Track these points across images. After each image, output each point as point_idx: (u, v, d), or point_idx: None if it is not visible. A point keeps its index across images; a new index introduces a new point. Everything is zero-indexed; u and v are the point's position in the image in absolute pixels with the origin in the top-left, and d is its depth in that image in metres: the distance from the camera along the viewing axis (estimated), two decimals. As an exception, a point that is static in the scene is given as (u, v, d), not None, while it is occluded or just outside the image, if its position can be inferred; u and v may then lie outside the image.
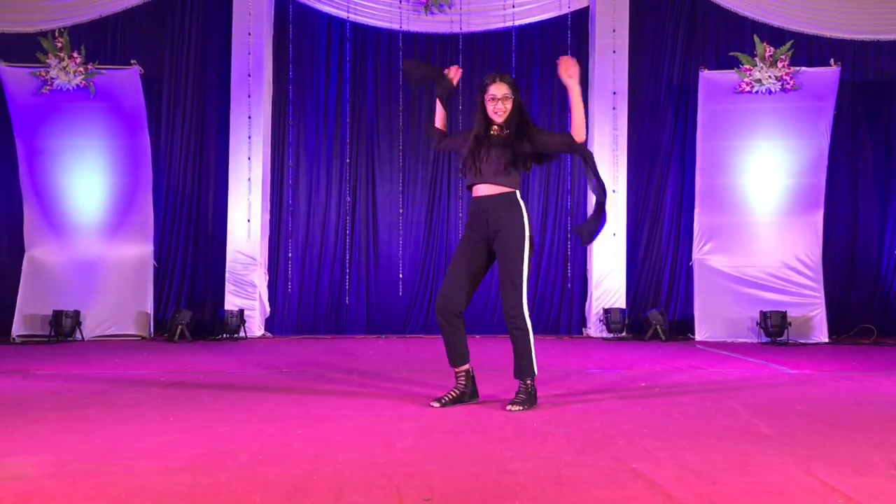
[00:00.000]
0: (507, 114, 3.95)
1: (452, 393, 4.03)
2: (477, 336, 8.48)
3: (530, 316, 3.91)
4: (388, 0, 8.82)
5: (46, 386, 4.71)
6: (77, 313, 7.90)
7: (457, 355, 4.02)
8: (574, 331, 8.70)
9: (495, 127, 4.00)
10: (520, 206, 3.93)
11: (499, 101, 3.94)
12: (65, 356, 6.42)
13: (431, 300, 8.77)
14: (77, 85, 8.17)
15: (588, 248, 8.59)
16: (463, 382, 4.04)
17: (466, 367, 4.04)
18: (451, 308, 3.94)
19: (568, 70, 3.90)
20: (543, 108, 8.82)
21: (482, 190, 3.96)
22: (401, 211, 8.86)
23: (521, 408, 3.83)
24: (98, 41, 8.63)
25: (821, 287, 8.08)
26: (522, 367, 3.93)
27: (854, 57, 8.74)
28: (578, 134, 3.95)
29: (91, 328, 8.00)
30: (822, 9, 8.67)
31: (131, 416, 3.67)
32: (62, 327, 7.77)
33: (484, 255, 4.00)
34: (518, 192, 3.96)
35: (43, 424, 3.44)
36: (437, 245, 8.85)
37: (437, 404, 3.95)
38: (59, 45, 8.19)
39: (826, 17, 8.68)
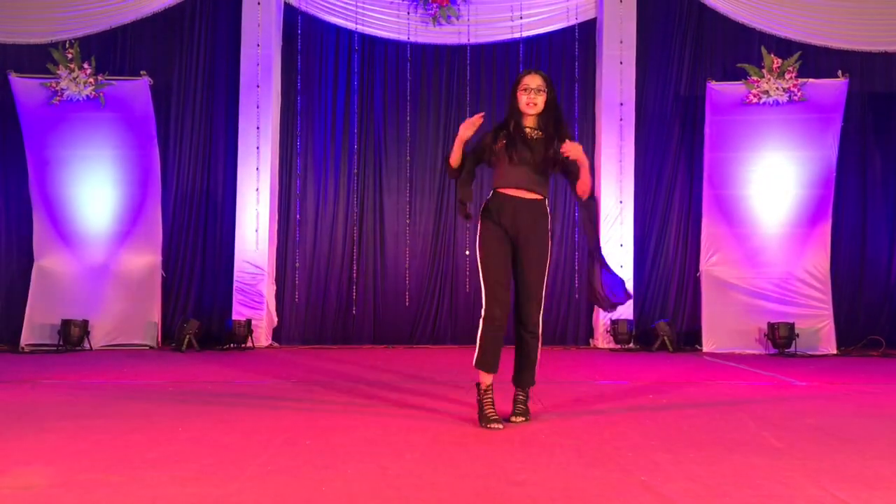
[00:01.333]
0: (540, 108, 3.83)
1: (494, 410, 3.78)
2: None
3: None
4: (397, 11, 8.86)
5: (55, 395, 4.73)
6: (85, 322, 7.92)
7: (493, 360, 3.82)
8: (581, 341, 8.68)
9: (528, 125, 3.87)
10: (548, 216, 3.87)
11: (532, 91, 3.82)
12: (73, 365, 6.44)
13: (438, 311, 8.78)
14: (87, 96, 8.22)
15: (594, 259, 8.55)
16: (491, 392, 3.85)
17: (492, 376, 3.86)
18: (503, 315, 3.78)
19: (572, 153, 3.74)
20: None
21: (512, 191, 3.82)
22: (408, 221, 8.87)
23: (523, 419, 3.84)
24: (108, 52, 8.68)
25: (829, 298, 8.05)
26: (529, 377, 3.93)
27: (862, 68, 8.73)
28: (583, 192, 3.92)
29: (99, 337, 8.02)
30: (830, 20, 8.67)
31: (140, 425, 3.68)
32: (71, 336, 7.79)
33: (511, 252, 3.84)
34: (547, 200, 3.90)
35: (52, 434, 3.45)
36: (444, 256, 8.86)
37: (500, 426, 3.69)
38: (70, 56, 8.25)
39: (833, 29, 8.68)
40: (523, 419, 3.82)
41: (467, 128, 3.84)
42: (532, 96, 3.82)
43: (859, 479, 2.72)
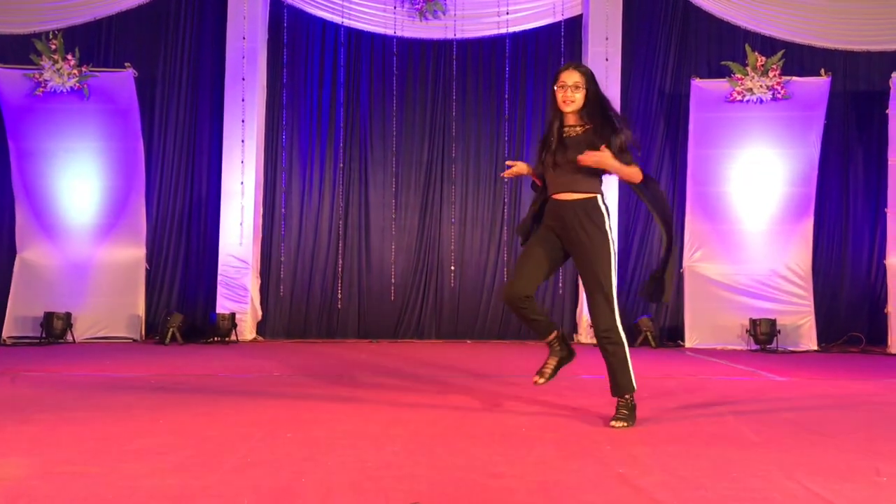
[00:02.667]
0: (578, 105, 3.67)
1: (550, 362, 3.83)
2: (468, 341, 8.51)
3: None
4: (383, 6, 8.85)
5: (36, 388, 4.71)
6: (68, 315, 7.88)
7: (542, 329, 3.83)
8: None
9: (570, 123, 3.72)
10: (601, 212, 3.68)
11: (568, 88, 3.66)
12: (55, 358, 6.42)
13: (423, 305, 8.80)
14: (71, 87, 8.17)
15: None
16: (557, 347, 3.84)
17: (554, 333, 3.84)
18: (517, 293, 3.71)
19: (588, 162, 3.59)
20: (537, 114, 8.84)
21: (557, 196, 3.71)
22: (393, 215, 8.88)
23: (624, 424, 3.57)
24: (92, 44, 8.63)
25: (810, 295, 8.13)
26: (621, 383, 3.69)
27: (845, 67, 8.80)
28: (629, 180, 3.79)
29: (82, 330, 7.99)
30: (814, 19, 8.73)
31: (121, 418, 3.67)
32: (53, 329, 7.76)
33: (560, 249, 3.75)
34: (600, 197, 3.71)
35: (32, 426, 3.44)
36: (429, 250, 8.87)
37: (541, 380, 3.79)
38: (54, 47, 8.19)
39: (817, 28, 8.75)
40: (623, 424, 3.57)
41: (513, 173, 3.91)
42: (568, 93, 3.66)
43: (833, 471, 2.76)
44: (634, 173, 3.73)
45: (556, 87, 3.70)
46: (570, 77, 3.68)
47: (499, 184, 8.84)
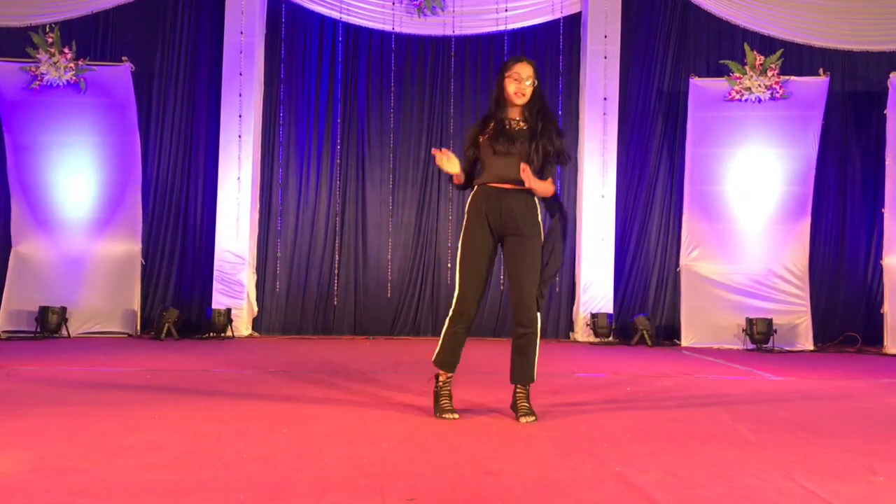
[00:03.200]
0: (528, 98, 3.69)
1: (444, 392, 3.77)
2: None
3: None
4: (382, 2, 8.83)
5: (31, 382, 4.69)
6: (63, 310, 7.86)
7: (455, 361, 3.81)
8: (561, 335, 8.72)
9: (513, 116, 3.73)
10: (537, 208, 3.71)
11: (522, 80, 3.67)
12: (50, 353, 6.40)
13: (420, 302, 8.79)
14: (67, 81, 8.14)
15: (576, 252, 8.62)
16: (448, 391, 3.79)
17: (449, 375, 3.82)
18: (472, 314, 3.73)
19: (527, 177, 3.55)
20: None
21: (497, 184, 3.68)
22: (390, 212, 8.86)
23: (535, 419, 3.62)
24: (89, 37, 8.60)
25: (807, 295, 8.13)
26: (530, 373, 3.72)
27: (843, 67, 8.81)
28: (547, 192, 3.73)
29: (77, 325, 7.97)
30: (812, 19, 8.73)
31: (116, 413, 3.66)
32: (48, 324, 7.74)
33: (493, 250, 3.75)
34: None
35: (27, 420, 3.43)
36: (426, 247, 8.86)
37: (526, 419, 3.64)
38: (50, 40, 8.16)
39: (816, 27, 8.75)
40: (532, 419, 3.59)
41: (445, 164, 3.75)
42: (522, 86, 3.68)
43: (829, 471, 2.76)
44: (547, 189, 3.70)
45: (506, 78, 3.69)
46: (525, 70, 3.69)
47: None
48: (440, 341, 3.81)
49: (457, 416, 3.67)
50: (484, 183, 3.73)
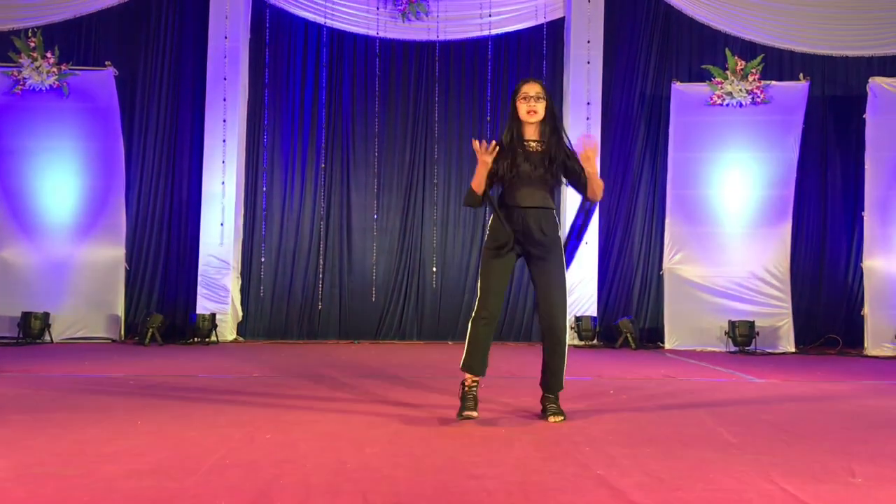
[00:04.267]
0: (540, 116, 3.81)
1: (471, 400, 3.86)
2: (450, 342, 8.50)
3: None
4: (366, 6, 8.84)
5: (12, 388, 4.66)
6: (46, 315, 7.82)
7: (484, 362, 3.91)
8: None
9: (529, 136, 3.84)
10: (557, 225, 3.87)
11: (531, 98, 3.80)
12: (33, 358, 6.35)
13: (405, 306, 8.79)
14: (50, 85, 8.10)
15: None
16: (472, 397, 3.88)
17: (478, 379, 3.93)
18: (494, 312, 3.84)
19: (588, 156, 3.77)
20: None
21: (523, 202, 3.80)
22: (375, 216, 8.87)
23: (563, 418, 3.78)
24: (72, 42, 8.57)
25: (788, 297, 8.20)
26: (559, 381, 3.89)
27: (823, 72, 8.90)
28: (594, 196, 3.92)
29: (60, 330, 7.92)
30: (793, 24, 8.82)
31: (98, 419, 3.64)
32: (31, 329, 7.69)
33: (514, 259, 3.88)
34: (555, 212, 3.92)
35: (7, 427, 3.41)
36: (411, 251, 8.87)
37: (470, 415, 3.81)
38: (33, 44, 8.12)
39: (796, 33, 8.84)
40: (561, 418, 3.76)
41: (488, 155, 3.78)
42: (532, 104, 3.80)
43: (809, 473, 2.79)
44: (601, 187, 3.92)
45: (518, 100, 3.83)
46: (533, 88, 3.82)
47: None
48: (465, 345, 3.88)
49: (475, 415, 3.79)
50: (506, 205, 3.84)
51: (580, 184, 3.90)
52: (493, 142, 3.83)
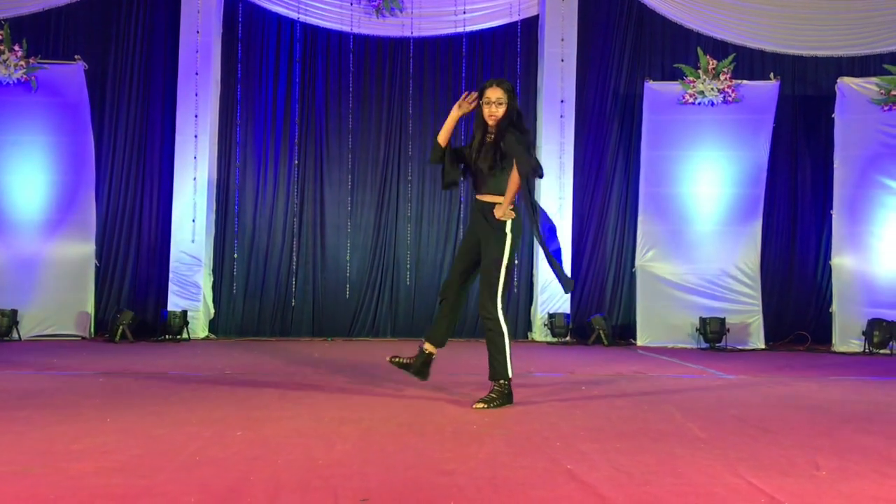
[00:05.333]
0: (499, 118, 4.10)
1: (407, 360, 4.36)
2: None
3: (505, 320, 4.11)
4: (340, 2, 8.80)
5: (-21, 386, 4.60)
6: (14, 312, 7.71)
7: (434, 334, 4.34)
8: (520, 335, 8.77)
9: (489, 133, 4.14)
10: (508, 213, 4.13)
11: (492, 104, 4.10)
12: (0, 356, 6.26)
13: (378, 303, 8.78)
14: (18, 79, 7.98)
15: (534, 253, 8.69)
16: (420, 359, 4.33)
17: (432, 349, 4.33)
18: (450, 292, 4.28)
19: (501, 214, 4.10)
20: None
21: (480, 196, 4.20)
22: (349, 213, 8.84)
23: (485, 405, 3.98)
24: (40, 35, 8.44)
25: (759, 295, 8.30)
26: (496, 369, 4.08)
27: (794, 71, 9.01)
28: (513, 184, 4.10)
29: (29, 328, 7.82)
30: (763, 24, 8.92)
31: (67, 416, 3.61)
32: (-2, 326, 7.58)
33: (477, 245, 4.21)
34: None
35: (-26, 425, 3.36)
36: (385, 248, 8.85)
37: (389, 359, 4.39)
38: (0, 37, 7.99)
39: (766, 32, 8.94)
40: (483, 405, 3.98)
41: (462, 106, 4.17)
42: (493, 108, 4.10)
43: (775, 467, 2.83)
44: (511, 190, 4.09)
45: (481, 103, 4.14)
46: (494, 93, 4.12)
47: (455, 182, 8.84)
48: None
49: (388, 358, 4.39)
50: (475, 196, 4.26)
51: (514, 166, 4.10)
52: (472, 93, 4.20)
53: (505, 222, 4.09)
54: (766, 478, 2.66)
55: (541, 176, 4.21)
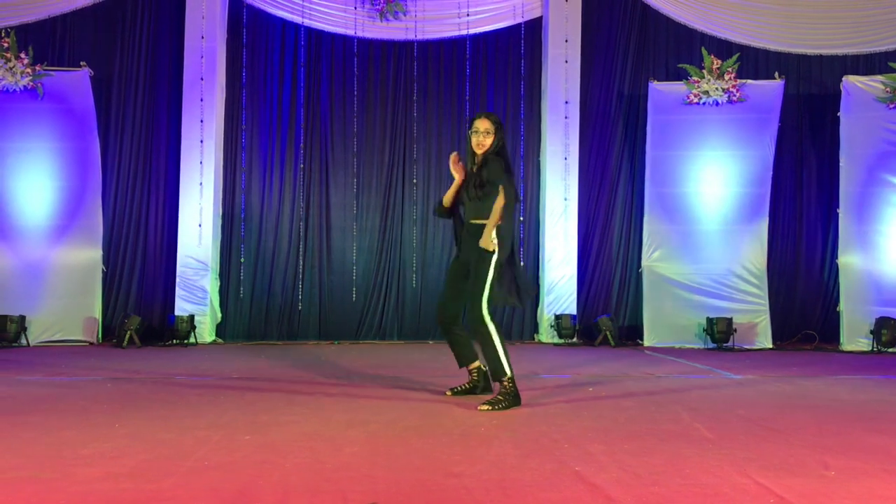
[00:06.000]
0: (486, 148, 4.36)
1: (465, 385, 4.57)
2: (430, 342, 8.50)
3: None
4: (343, 6, 8.81)
5: (-12, 392, 4.62)
6: (22, 318, 7.74)
7: (460, 356, 4.61)
8: (526, 336, 8.77)
9: (477, 161, 4.39)
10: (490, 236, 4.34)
11: (480, 133, 4.36)
12: (8, 362, 6.29)
13: (385, 306, 8.78)
14: (24, 86, 8.01)
15: (540, 254, 8.69)
16: (475, 377, 4.57)
17: (476, 364, 4.57)
18: (446, 318, 4.56)
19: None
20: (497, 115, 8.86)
21: (472, 220, 4.42)
22: (355, 216, 8.85)
23: (489, 408, 4.05)
24: (46, 42, 8.48)
25: (765, 294, 8.27)
26: (494, 369, 4.22)
27: (798, 70, 8.98)
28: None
29: (37, 334, 7.85)
30: (767, 23, 8.90)
31: (76, 422, 3.62)
32: (6, 332, 7.60)
33: (466, 268, 4.43)
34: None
35: (-17, 431, 3.38)
36: (390, 250, 8.85)
37: (449, 392, 4.55)
38: (6, 45, 8.03)
39: (771, 32, 8.92)
40: (487, 408, 4.06)
41: (458, 171, 4.48)
42: (481, 139, 4.37)
43: (783, 467, 2.83)
44: (492, 223, 4.27)
45: (471, 132, 4.41)
46: (482, 124, 4.38)
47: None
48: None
49: (448, 393, 4.56)
50: (465, 220, 4.50)
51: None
52: (455, 154, 4.55)
53: (490, 245, 4.27)
54: (775, 478, 2.66)
55: (518, 202, 4.55)
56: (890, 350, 7.83)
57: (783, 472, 2.75)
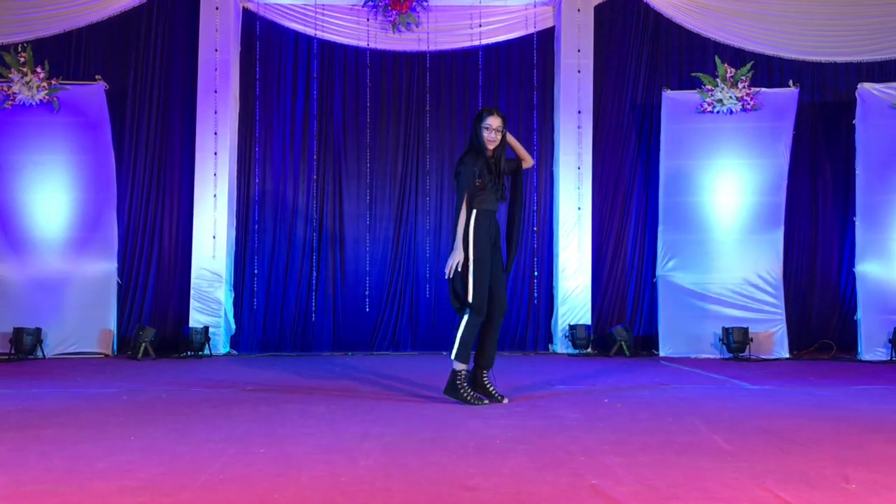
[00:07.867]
0: (497, 144, 4.73)
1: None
2: (445, 353, 8.48)
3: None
4: (356, 18, 8.85)
5: (4, 405, 4.64)
6: (38, 331, 7.78)
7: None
8: (540, 347, 8.74)
9: (490, 156, 4.75)
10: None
11: (493, 130, 4.71)
12: (25, 375, 6.32)
13: (399, 316, 8.77)
14: (40, 100, 8.08)
15: (554, 264, 8.67)
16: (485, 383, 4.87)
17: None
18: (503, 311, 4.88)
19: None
20: (509, 126, 8.83)
21: (493, 208, 4.80)
22: (368, 226, 8.86)
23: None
24: (61, 56, 8.55)
25: (782, 303, 8.21)
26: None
27: (812, 78, 8.94)
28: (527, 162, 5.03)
29: (53, 346, 7.88)
30: (781, 31, 8.87)
31: (91, 435, 3.63)
32: (23, 345, 7.64)
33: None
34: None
35: (0, 444, 3.39)
36: (404, 261, 8.86)
37: (505, 400, 4.76)
38: (22, 59, 8.11)
39: (785, 39, 8.89)
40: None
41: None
42: (494, 135, 4.72)
43: (803, 479, 2.79)
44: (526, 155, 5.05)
45: (482, 128, 4.72)
46: (496, 122, 4.74)
47: (473, 195, 8.84)
48: (465, 341, 4.70)
49: (486, 402, 4.67)
50: (485, 209, 4.74)
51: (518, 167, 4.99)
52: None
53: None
54: (795, 491, 2.63)
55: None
56: (909, 359, 7.75)
57: (803, 484, 2.72)
